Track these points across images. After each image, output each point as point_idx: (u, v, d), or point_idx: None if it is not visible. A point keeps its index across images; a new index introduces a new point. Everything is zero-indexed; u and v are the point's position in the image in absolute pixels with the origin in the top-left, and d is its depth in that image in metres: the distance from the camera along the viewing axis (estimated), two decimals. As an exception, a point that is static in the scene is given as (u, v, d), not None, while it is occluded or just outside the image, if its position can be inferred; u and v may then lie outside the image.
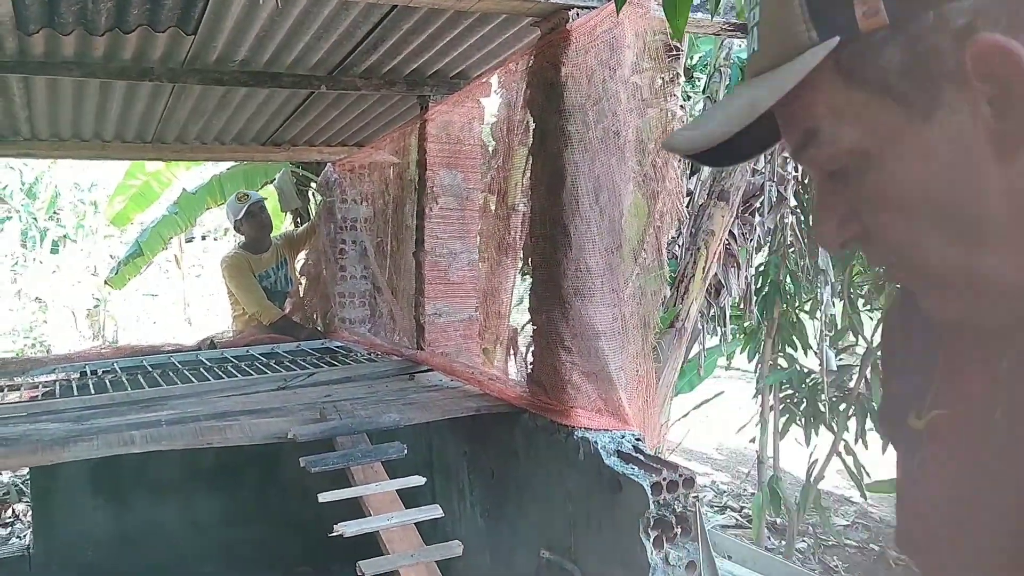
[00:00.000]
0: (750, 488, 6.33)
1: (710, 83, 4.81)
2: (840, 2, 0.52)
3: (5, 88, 3.61)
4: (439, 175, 3.80)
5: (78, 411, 3.01)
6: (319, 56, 3.43)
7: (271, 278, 5.33)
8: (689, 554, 2.28)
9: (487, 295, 4.00)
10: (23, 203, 15.54)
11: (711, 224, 4.21)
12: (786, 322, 4.93)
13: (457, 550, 2.36)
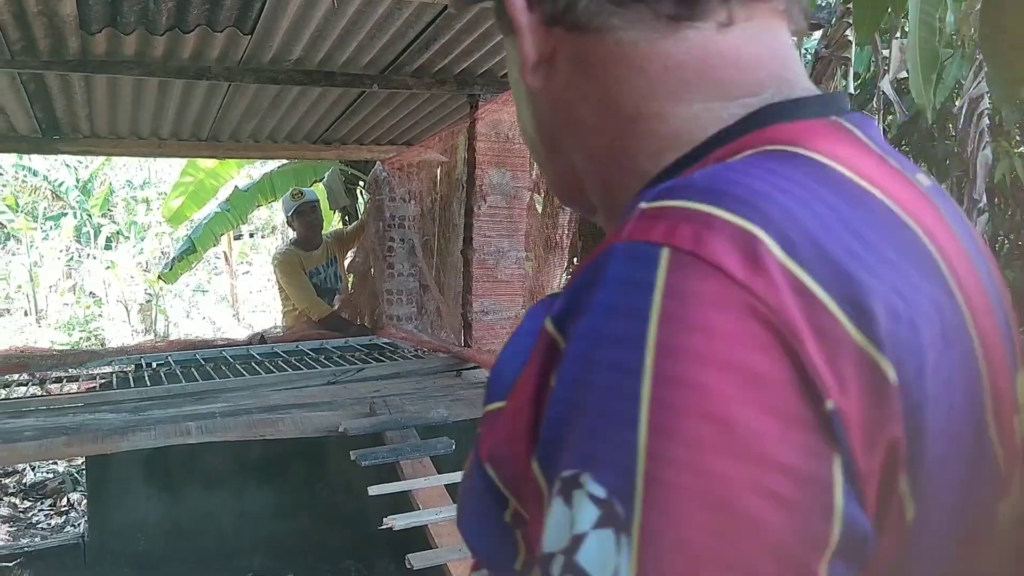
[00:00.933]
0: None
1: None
2: None
3: (67, 87, 3.71)
4: (488, 174, 3.82)
5: (135, 402, 3.09)
6: (371, 55, 3.47)
7: (321, 275, 5.40)
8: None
9: (534, 293, 4.02)
10: (78, 199, 15.93)
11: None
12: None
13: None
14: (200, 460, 4.26)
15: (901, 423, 0.37)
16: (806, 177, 0.41)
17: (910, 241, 0.42)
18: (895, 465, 0.37)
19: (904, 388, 0.37)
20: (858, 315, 0.36)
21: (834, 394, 0.35)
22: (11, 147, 4.76)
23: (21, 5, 2.76)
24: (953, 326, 0.41)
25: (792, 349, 0.35)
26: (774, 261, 0.36)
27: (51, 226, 15.66)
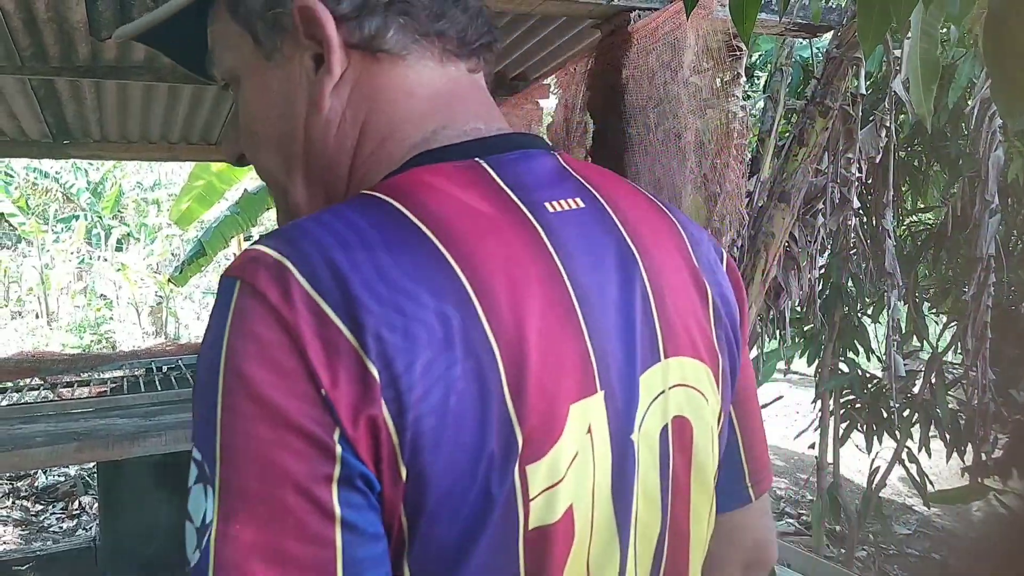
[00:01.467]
0: (809, 495, 6.23)
1: (771, 82, 4.75)
2: None
3: (77, 92, 3.72)
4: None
5: (146, 407, 3.10)
6: (380, 59, 3.47)
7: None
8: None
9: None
10: (88, 202, 16.00)
11: (771, 226, 4.14)
12: (848, 326, 4.84)
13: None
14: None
15: (380, 403, 0.50)
16: (366, 219, 0.55)
17: (437, 272, 0.54)
18: (377, 432, 0.50)
19: (387, 379, 0.50)
20: (354, 328, 0.50)
21: (327, 387, 0.49)
22: (22, 152, 4.77)
23: (31, 12, 2.77)
24: (460, 333, 0.53)
25: (303, 353, 0.49)
26: (299, 289, 0.51)
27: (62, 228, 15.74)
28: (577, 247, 0.60)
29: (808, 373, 6.94)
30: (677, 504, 0.65)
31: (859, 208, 4.51)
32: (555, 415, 0.55)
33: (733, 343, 0.72)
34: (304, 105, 0.64)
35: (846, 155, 4.31)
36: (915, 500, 5.84)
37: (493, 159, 0.61)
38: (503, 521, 0.53)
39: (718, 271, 0.73)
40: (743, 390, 0.77)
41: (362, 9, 0.60)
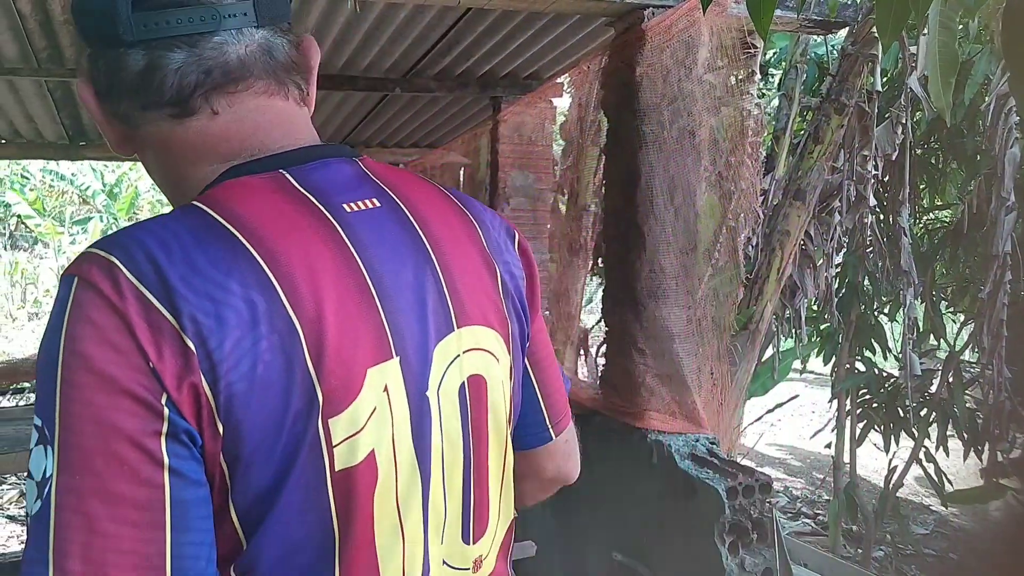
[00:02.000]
0: (825, 495, 6.19)
1: (785, 79, 4.72)
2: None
3: (94, 94, 3.75)
4: (511, 176, 3.81)
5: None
6: (394, 59, 3.48)
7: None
8: (765, 560, 2.24)
9: (558, 296, 4.00)
10: (104, 203, 16.10)
11: (786, 224, 4.12)
12: (864, 325, 4.81)
13: (530, 550, 2.37)
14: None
15: (199, 372, 0.62)
16: (183, 224, 0.68)
17: (243, 265, 0.66)
18: (197, 396, 0.62)
19: (202, 352, 0.62)
20: (173, 312, 0.62)
21: (154, 360, 0.61)
22: (39, 154, 4.81)
23: (47, 14, 2.79)
24: (265, 314, 0.65)
25: (133, 333, 0.61)
26: (127, 282, 0.63)
27: (78, 230, 15.83)
28: (372, 240, 0.74)
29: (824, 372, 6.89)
30: (478, 444, 0.81)
31: (875, 206, 4.48)
32: (353, 377, 0.69)
33: (521, 311, 0.88)
34: None
35: (862, 152, 4.28)
36: (932, 500, 5.80)
37: (294, 169, 0.75)
38: (310, 465, 0.66)
39: (507, 251, 0.88)
40: (537, 350, 0.94)
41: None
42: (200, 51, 0.74)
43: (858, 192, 4.27)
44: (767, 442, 7.53)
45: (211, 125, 0.75)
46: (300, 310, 0.67)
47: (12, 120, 4.16)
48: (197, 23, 0.73)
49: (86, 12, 0.74)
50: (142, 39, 0.72)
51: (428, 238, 0.78)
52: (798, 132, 4.72)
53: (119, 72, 0.74)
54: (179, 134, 0.75)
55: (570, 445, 1.02)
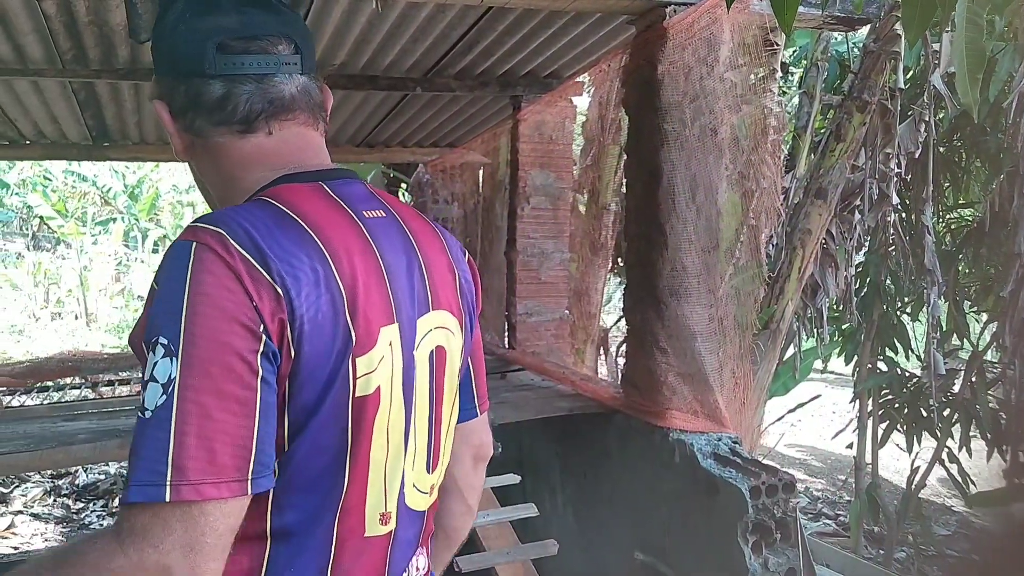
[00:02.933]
0: (846, 495, 6.15)
1: (806, 77, 4.70)
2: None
3: (117, 94, 3.78)
4: (531, 175, 3.81)
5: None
6: (414, 58, 3.48)
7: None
8: (789, 560, 2.23)
9: (579, 295, 4.00)
10: (126, 204, 16.23)
11: (808, 223, 4.10)
12: (886, 324, 4.78)
13: (553, 549, 2.36)
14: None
15: (285, 312, 0.85)
16: (263, 212, 0.92)
17: (307, 242, 0.91)
18: (283, 328, 0.86)
19: (287, 299, 0.86)
20: (267, 269, 0.86)
21: (256, 300, 0.84)
22: (62, 154, 4.86)
23: (72, 15, 2.81)
24: (323, 279, 0.90)
25: (242, 282, 0.84)
26: (233, 247, 0.85)
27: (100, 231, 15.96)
28: (382, 238, 1.01)
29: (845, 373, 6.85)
30: (438, 398, 1.08)
31: (898, 204, 4.44)
32: (372, 331, 0.95)
33: (471, 308, 1.16)
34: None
35: (884, 151, 4.25)
36: (954, 501, 5.75)
37: (328, 183, 1.01)
38: (342, 389, 0.92)
39: (462, 264, 1.16)
40: (474, 344, 1.21)
41: (246, 121, 1.01)
42: (265, 86, 1.01)
43: (880, 190, 4.24)
44: (787, 443, 7.49)
45: (266, 142, 1.02)
46: (344, 278, 0.92)
47: (36, 121, 4.20)
48: (263, 67, 1.01)
49: (175, 51, 1.00)
50: (222, 74, 0.99)
51: (416, 242, 1.06)
52: (819, 130, 4.69)
53: (201, 96, 0.99)
54: (240, 146, 1.01)
55: (487, 426, 1.30)
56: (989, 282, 4.59)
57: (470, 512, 1.32)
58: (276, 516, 0.93)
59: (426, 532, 1.13)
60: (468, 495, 1.29)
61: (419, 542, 1.11)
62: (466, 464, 1.27)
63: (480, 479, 1.31)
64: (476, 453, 1.27)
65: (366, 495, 0.99)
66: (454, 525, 1.30)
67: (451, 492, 1.27)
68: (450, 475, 1.24)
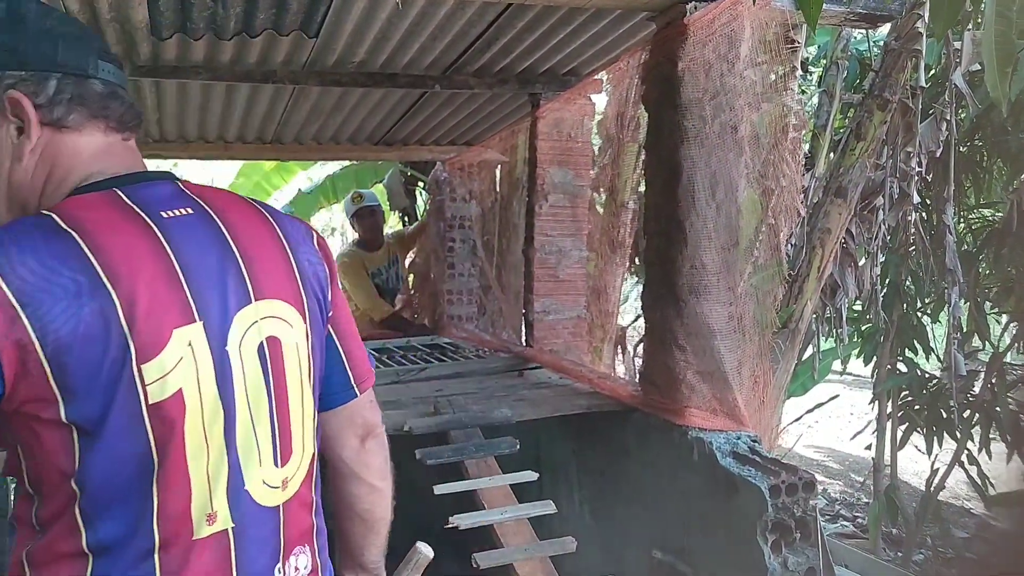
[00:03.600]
0: (864, 497, 6.11)
1: (826, 76, 4.67)
2: None
3: (138, 92, 3.80)
4: (550, 172, 3.81)
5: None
6: (434, 56, 3.49)
7: (383, 275, 5.45)
8: (808, 560, 2.22)
9: (597, 293, 3.99)
10: (146, 203, 16.31)
11: (827, 222, 4.08)
12: (906, 325, 4.74)
13: (571, 546, 2.36)
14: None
15: (26, 331, 0.87)
16: (33, 226, 0.94)
17: (73, 255, 0.91)
18: (21, 348, 0.88)
19: (31, 317, 0.88)
20: (11, 289, 0.87)
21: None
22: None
23: (94, 12, 2.83)
24: (87, 290, 0.90)
25: None
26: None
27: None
28: (182, 237, 1.00)
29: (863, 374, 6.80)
30: (279, 389, 1.07)
31: (919, 204, 4.41)
32: (161, 335, 0.95)
33: (319, 291, 1.15)
34: (9, 160, 1.03)
35: (905, 149, 4.22)
36: (973, 503, 5.69)
37: (126, 188, 1.02)
38: (129, 397, 0.92)
39: (303, 247, 1.15)
40: (339, 322, 1.22)
41: (52, 100, 1.01)
42: (124, 95, 1.09)
43: (901, 189, 4.21)
44: (805, 443, 7.45)
45: (107, 146, 1.06)
46: (119, 286, 0.93)
47: (59, 118, 4.23)
48: (123, 78, 1.09)
49: (62, 58, 1.02)
50: (101, 78, 1.05)
51: (232, 235, 1.06)
52: (839, 129, 4.66)
53: (85, 91, 1.03)
54: (84, 146, 1.04)
55: (373, 404, 1.29)
56: (1010, 283, 4.54)
57: (376, 491, 1.30)
58: (90, 532, 0.95)
59: (297, 529, 1.11)
60: (365, 475, 1.27)
61: (286, 540, 1.09)
62: (353, 445, 1.26)
63: (376, 457, 1.29)
64: (363, 433, 1.26)
65: (190, 498, 0.98)
66: (364, 508, 1.29)
67: (346, 476, 1.27)
68: (340, 459, 1.26)
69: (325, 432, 1.24)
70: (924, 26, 3.82)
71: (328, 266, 1.20)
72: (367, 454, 1.27)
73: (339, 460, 1.26)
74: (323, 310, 1.17)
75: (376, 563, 1.36)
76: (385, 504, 1.32)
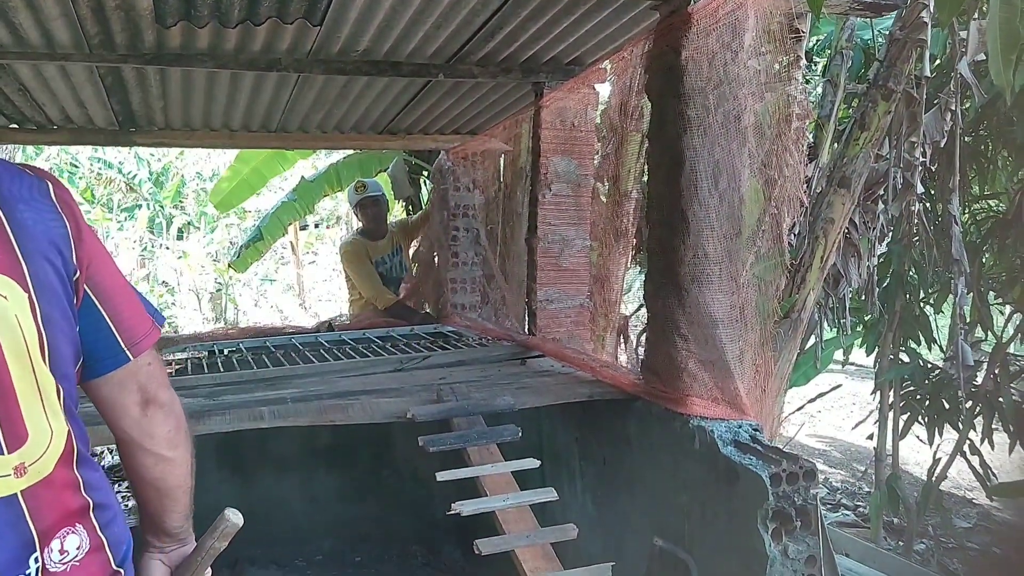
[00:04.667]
0: (865, 486, 6.13)
1: (830, 65, 4.66)
2: None
3: (143, 80, 3.81)
4: (553, 162, 3.81)
5: (209, 387, 3.16)
6: (437, 45, 3.49)
7: (387, 264, 5.47)
8: (809, 548, 2.23)
9: (600, 282, 4.00)
10: (151, 191, 16.35)
11: (831, 212, 4.08)
12: (909, 315, 4.74)
13: (572, 533, 2.37)
14: (269, 445, 4.35)
15: None
16: None
17: None
18: None
19: None
20: None
21: None
22: (90, 139, 4.91)
23: (99, 0, 2.84)
24: None
25: None
26: None
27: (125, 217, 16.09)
28: None
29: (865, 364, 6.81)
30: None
31: (923, 194, 4.41)
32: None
33: (52, 252, 1.04)
34: None
35: (909, 139, 4.21)
36: (975, 493, 5.71)
37: None
38: None
39: (28, 203, 1.04)
40: (101, 284, 1.13)
41: None
42: None
43: (905, 179, 4.20)
44: (807, 433, 7.46)
45: None
46: None
47: (64, 106, 4.24)
48: None
49: None
50: None
51: None
52: (843, 119, 4.65)
53: None
54: None
55: (153, 367, 1.20)
56: (1015, 273, 4.54)
57: (164, 460, 1.23)
58: None
59: (56, 512, 1.05)
60: (149, 445, 1.20)
61: (40, 527, 1.03)
62: (132, 413, 1.18)
63: (158, 425, 1.21)
64: (141, 399, 1.19)
65: None
66: (153, 476, 1.22)
67: (130, 445, 1.20)
68: (120, 428, 1.19)
69: (100, 401, 1.18)
70: (929, 15, 3.81)
71: (71, 222, 1.10)
72: (149, 423, 1.20)
73: (119, 429, 1.19)
74: (64, 273, 1.07)
75: (179, 528, 1.31)
76: (179, 472, 1.26)
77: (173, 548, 1.33)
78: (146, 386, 1.19)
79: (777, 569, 2.17)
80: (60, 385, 1.06)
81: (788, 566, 2.20)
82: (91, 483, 1.11)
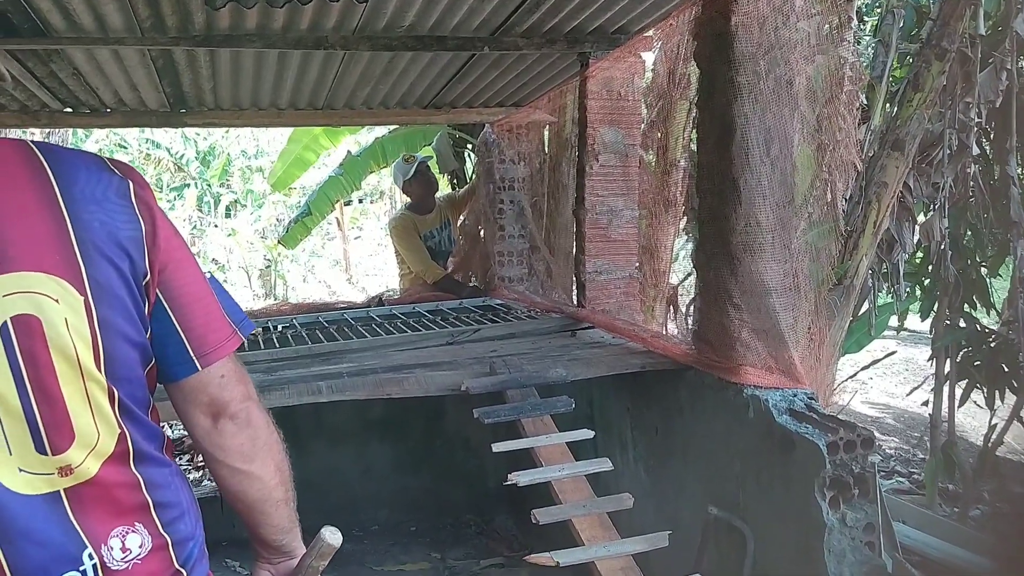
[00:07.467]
0: (920, 453, 6.06)
1: (882, 25, 4.55)
2: None
3: (193, 61, 3.86)
4: (600, 132, 3.79)
5: (267, 363, 3.23)
6: (482, 17, 3.48)
7: (435, 238, 5.50)
8: (867, 516, 2.23)
9: (649, 252, 3.99)
10: (198, 171, 16.59)
11: (884, 176, 4.00)
12: (966, 279, 4.66)
13: (628, 502, 2.40)
14: (324, 418, 4.43)
15: None
16: None
17: None
18: None
19: None
20: None
21: None
22: (143, 121, 4.99)
23: (151, -16, 2.88)
24: None
25: None
26: None
27: (175, 197, 16.36)
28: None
29: (919, 330, 6.70)
30: (37, 372, 0.97)
31: (978, 155, 4.30)
32: None
33: (120, 255, 1.02)
34: None
35: (964, 100, 4.11)
36: (1034, 459, 5.61)
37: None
38: None
39: (99, 203, 1.02)
40: (175, 291, 1.09)
41: None
42: None
43: (960, 141, 4.11)
44: (860, 400, 7.38)
45: None
46: None
47: (117, 89, 4.31)
48: None
49: None
50: None
51: None
52: (895, 80, 4.55)
53: None
54: None
55: (228, 378, 1.16)
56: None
57: (240, 473, 1.19)
58: None
59: (113, 508, 1.05)
60: (220, 455, 1.18)
61: (88, 525, 1.03)
62: (203, 425, 1.17)
63: (233, 439, 1.18)
64: (211, 411, 1.16)
65: None
66: (232, 487, 1.20)
67: (204, 455, 1.20)
68: (194, 438, 1.17)
69: (175, 405, 1.17)
70: (985, -29, 3.70)
71: (147, 224, 1.08)
72: (220, 435, 1.17)
73: (193, 437, 1.18)
74: (131, 276, 1.04)
75: (279, 541, 1.29)
76: (259, 487, 1.21)
77: (280, 560, 1.32)
78: (217, 398, 1.16)
79: (835, 537, 2.17)
80: (115, 388, 1.04)
81: (847, 534, 2.20)
82: (154, 482, 1.10)
